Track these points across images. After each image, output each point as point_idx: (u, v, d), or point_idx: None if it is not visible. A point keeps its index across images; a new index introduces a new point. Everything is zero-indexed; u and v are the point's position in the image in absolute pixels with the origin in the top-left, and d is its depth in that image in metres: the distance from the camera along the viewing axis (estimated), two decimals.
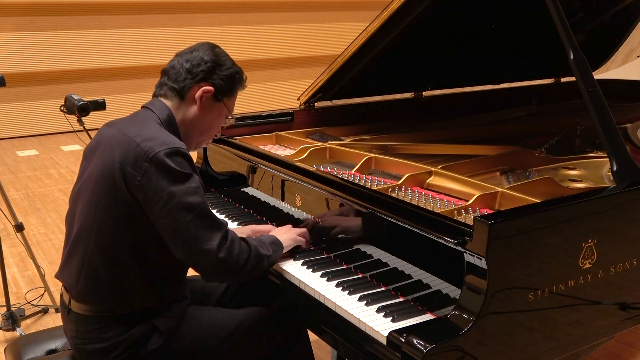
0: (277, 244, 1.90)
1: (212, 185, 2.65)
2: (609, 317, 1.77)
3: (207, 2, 8.83)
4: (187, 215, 1.67)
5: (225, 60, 1.92)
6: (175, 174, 1.68)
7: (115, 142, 1.76)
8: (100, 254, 1.75)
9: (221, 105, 1.91)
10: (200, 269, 1.75)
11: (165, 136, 1.75)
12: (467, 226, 1.52)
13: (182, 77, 1.86)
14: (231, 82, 1.92)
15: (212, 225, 1.71)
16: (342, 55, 2.58)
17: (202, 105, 1.88)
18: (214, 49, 1.92)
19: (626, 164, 1.78)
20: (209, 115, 1.91)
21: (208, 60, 1.87)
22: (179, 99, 1.87)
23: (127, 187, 1.70)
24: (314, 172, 2.08)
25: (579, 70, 1.84)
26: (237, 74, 1.93)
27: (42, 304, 3.45)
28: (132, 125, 1.82)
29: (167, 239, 1.71)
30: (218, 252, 1.69)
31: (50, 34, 7.90)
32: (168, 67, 1.91)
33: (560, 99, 3.42)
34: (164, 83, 1.90)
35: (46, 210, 5.17)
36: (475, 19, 2.72)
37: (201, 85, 1.86)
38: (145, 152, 1.69)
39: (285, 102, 4.41)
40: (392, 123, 2.95)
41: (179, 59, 1.90)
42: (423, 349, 1.38)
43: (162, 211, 1.67)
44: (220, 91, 1.89)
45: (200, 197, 1.71)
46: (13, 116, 7.93)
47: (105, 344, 1.78)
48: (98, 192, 1.75)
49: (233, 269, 1.74)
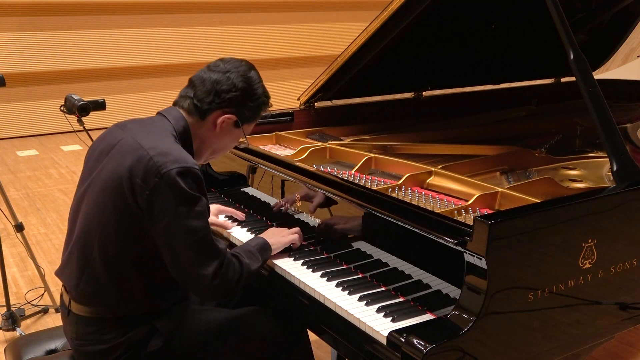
0: (266, 249, 1.91)
1: (212, 185, 2.64)
2: (609, 317, 1.77)
3: (207, 2, 8.83)
4: (189, 238, 1.66)
5: (257, 89, 1.86)
6: (183, 195, 1.66)
7: (128, 150, 1.72)
8: (103, 261, 1.74)
9: (239, 131, 1.89)
10: (193, 291, 1.76)
11: (179, 153, 1.71)
12: (467, 226, 1.52)
13: (208, 99, 1.81)
14: (256, 112, 1.89)
15: (211, 251, 1.70)
16: (342, 55, 2.58)
17: (221, 129, 1.85)
18: (248, 75, 1.84)
19: (626, 164, 1.78)
20: (226, 139, 1.90)
21: (239, 88, 1.81)
22: (199, 117, 1.83)
23: (135, 198, 1.67)
24: (314, 172, 2.08)
25: (579, 70, 1.84)
26: (264, 105, 1.90)
27: (42, 304, 3.45)
28: (146, 134, 1.77)
29: (165, 256, 1.70)
30: (213, 279, 1.69)
31: (50, 34, 7.90)
32: (196, 79, 1.85)
33: (560, 99, 3.42)
34: (189, 96, 1.84)
35: (46, 210, 5.17)
36: (476, 19, 2.72)
37: (225, 112, 1.83)
38: (157, 168, 1.65)
39: (285, 102, 4.41)
40: (392, 123, 2.95)
41: (210, 75, 1.82)
42: (423, 349, 1.38)
43: (165, 229, 1.66)
44: (242, 120, 1.86)
45: (203, 222, 1.69)
46: (13, 116, 7.93)
47: (105, 346, 1.78)
48: (105, 198, 1.73)
49: (225, 292, 1.75)
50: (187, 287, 1.76)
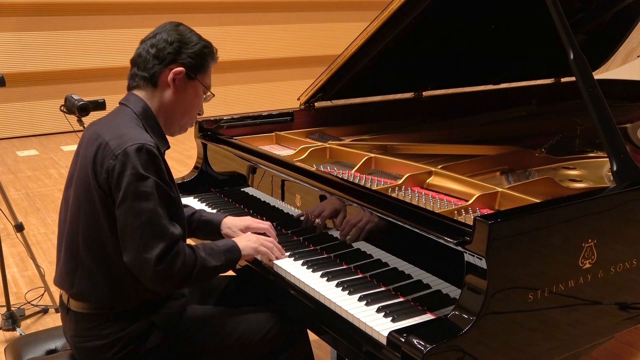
0: (233, 251, 1.87)
1: (212, 185, 2.65)
2: (609, 317, 1.77)
3: (207, 2, 8.83)
4: (135, 220, 1.66)
5: (191, 36, 1.87)
6: (133, 174, 1.66)
7: (89, 143, 1.77)
8: (90, 257, 1.76)
9: (196, 83, 1.87)
10: (139, 276, 1.72)
11: (133, 133, 1.73)
12: (467, 226, 1.52)
13: (150, 65, 1.83)
14: (201, 58, 1.87)
15: (158, 234, 1.68)
16: (342, 55, 2.58)
17: (176, 87, 1.84)
18: (177, 28, 1.87)
19: (626, 164, 1.78)
20: (186, 96, 1.87)
21: (173, 41, 1.83)
22: (152, 86, 1.84)
23: (98, 185, 1.70)
24: (314, 172, 2.08)
25: (579, 70, 1.84)
26: (205, 48, 1.88)
27: (42, 304, 3.45)
28: (106, 124, 1.82)
29: (119, 239, 1.71)
30: (157, 263, 1.66)
31: (50, 34, 7.90)
32: (135, 56, 1.87)
33: (560, 99, 3.42)
34: (135, 74, 1.86)
35: (46, 210, 5.17)
36: (476, 19, 2.72)
37: (171, 68, 1.83)
38: (112, 150, 1.69)
39: (285, 102, 4.39)
40: (392, 123, 2.95)
41: (144, 46, 1.86)
42: (423, 349, 1.38)
43: (117, 209, 1.68)
44: (191, 69, 1.85)
45: (151, 204, 1.67)
46: (13, 116, 7.93)
47: (104, 341, 1.78)
48: (78, 194, 1.77)
49: (171, 281, 1.72)
50: (136, 274, 1.71)
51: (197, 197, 2.54)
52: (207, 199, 2.53)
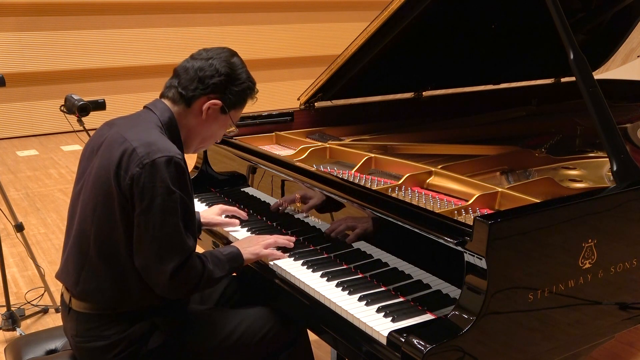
0: (237, 260, 1.90)
1: (212, 185, 2.65)
2: (609, 317, 1.77)
3: (207, 2, 8.82)
4: (157, 231, 1.68)
5: (241, 74, 1.87)
6: (162, 187, 1.68)
7: (114, 145, 1.76)
8: (100, 256, 1.75)
9: (227, 117, 1.90)
10: (149, 281, 1.75)
11: (162, 143, 1.73)
12: (467, 226, 1.52)
13: (192, 86, 1.82)
14: (241, 97, 1.89)
15: (177, 248, 1.71)
16: (342, 55, 2.58)
17: (207, 116, 1.86)
18: (231, 60, 1.86)
19: (626, 164, 1.78)
20: (213, 126, 1.90)
21: (222, 74, 1.83)
22: (185, 105, 1.85)
23: (120, 189, 1.70)
24: (314, 172, 2.08)
25: (579, 70, 1.84)
26: (249, 90, 1.90)
27: (42, 304, 3.44)
28: (132, 127, 1.81)
29: (134, 244, 1.72)
30: (172, 276, 1.70)
31: (50, 34, 7.90)
32: (180, 68, 1.87)
33: (560, 99, 3.42)
34: (173, 86, 1.86)
35: (46, 210, 5.17)
36: (476, 19, 2.72)
37: (210, 97, 1.84)
38: (140, 158, 1.69)
39: (285, 102, 4.41)
40: (392, 123, 2.95)
41: (193, 63, 1.85)
42: (423, 349, 1.38)
43: (137, 217, 1.69)
44: (228, 105, 1.87)
45: (175, 218, 1.70)
46: (13, 116, 7.93)
47: (105, 342, 1.78)
48: (95, 194, 1.76)
49: (181, 293, 1.79)
50: (147, 279, 1.75)
51: (197, 197, 2.54)
52: (207, 199, 2.53)
